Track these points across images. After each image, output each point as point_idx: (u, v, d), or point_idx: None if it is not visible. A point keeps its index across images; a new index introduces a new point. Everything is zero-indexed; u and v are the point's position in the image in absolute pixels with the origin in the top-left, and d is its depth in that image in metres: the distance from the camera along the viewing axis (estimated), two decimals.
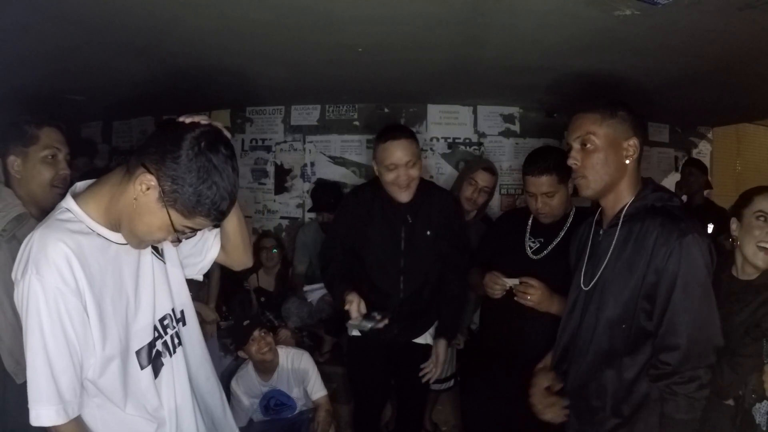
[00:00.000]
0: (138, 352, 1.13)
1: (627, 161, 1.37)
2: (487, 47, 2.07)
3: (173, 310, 1.23)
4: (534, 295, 1.80)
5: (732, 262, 1.60)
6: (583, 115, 1.40)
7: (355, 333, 2.23)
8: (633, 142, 1.35)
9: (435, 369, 2.10)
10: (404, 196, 1.98)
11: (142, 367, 1.13)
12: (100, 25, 1.75)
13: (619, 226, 1.38)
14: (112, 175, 1.09)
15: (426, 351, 2.21)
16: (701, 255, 1.26)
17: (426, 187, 2.13)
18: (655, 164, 3.86)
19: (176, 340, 1.22)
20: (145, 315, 1.15)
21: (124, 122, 4.12)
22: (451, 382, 2.83)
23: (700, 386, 1.26)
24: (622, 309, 1.35)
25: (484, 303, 2.17)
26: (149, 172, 0.99)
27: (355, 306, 1.88)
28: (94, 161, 3.59)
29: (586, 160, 1.37)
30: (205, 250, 1.32)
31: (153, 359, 1.16)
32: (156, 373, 1.16)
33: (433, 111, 3.60)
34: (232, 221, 1.28)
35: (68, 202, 1.08)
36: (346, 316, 1.94)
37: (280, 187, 3.83)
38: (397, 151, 1.93)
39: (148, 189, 1.00)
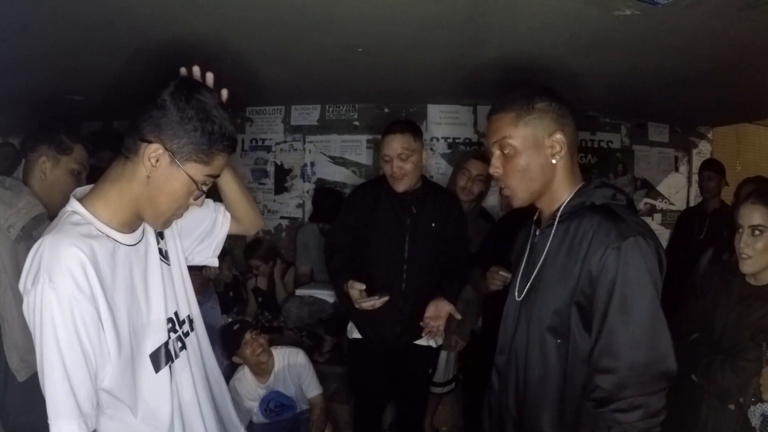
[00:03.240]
0: (154, 354, 1.10)
1: (554, 161, 1.19)
2: (487, 47, 2.07)
3: (176, 314, 1.19)
4: (497, 279, 1.89)
5: None
6: (498, 115, 1.20)
7: (356, 335, 2.25)
8: (558, 137, 1.17)
9: (433, 323, 2.00)
10: (399, 186, 2.09)
11: (157, 370, 1.10)
12: (100, 25, 1.75)
13: (554, 227, 1.20)
14: (111, 171, 1.06)
15: (428, 353, 2.22)
16: (645, 263, 1.05)
17: (431, 185, 2.24)
18: (655, 164, 3.86)
19: (179, 344, 1.18)
20: (157, 316, 1.12)
21: (124, 122, 4.12)
22: (453, 385, 2.83)
23: (648, 414, 1.04)
24: (554, 321, 1.16)
25: (486, 302, 2.17)
26: (151, 143, 0.99)
27: (356, 291, 1.97)
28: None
29: (508, 168, 1.20)
30: (217, 227, 1.34)
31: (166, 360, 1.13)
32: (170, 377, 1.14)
33: (433, 111, 3.60)
34: (233, 188, 1.30)
35: (74, 205, 1.03)
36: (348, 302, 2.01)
37: (280, 187, 3.83)
38: (391, 144, 2.05)
39: (157, 160, 1.00)
